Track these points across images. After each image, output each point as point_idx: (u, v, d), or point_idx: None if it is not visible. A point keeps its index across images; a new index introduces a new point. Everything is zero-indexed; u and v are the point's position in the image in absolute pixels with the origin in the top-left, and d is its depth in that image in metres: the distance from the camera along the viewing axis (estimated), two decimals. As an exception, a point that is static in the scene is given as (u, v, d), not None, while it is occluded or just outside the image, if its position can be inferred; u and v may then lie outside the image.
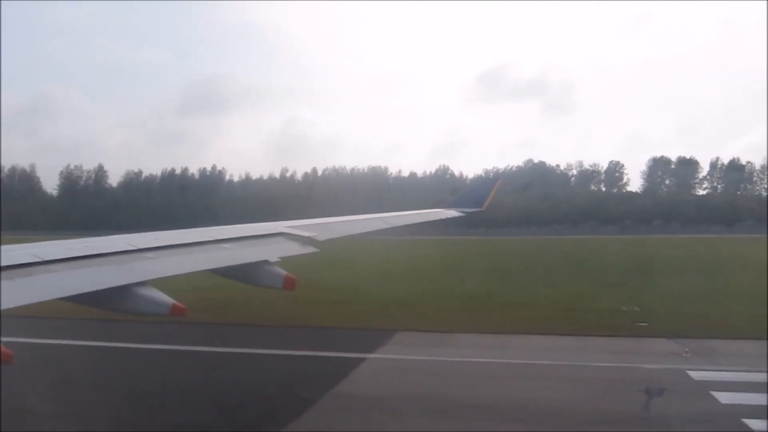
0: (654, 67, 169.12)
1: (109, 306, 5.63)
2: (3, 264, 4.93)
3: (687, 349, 13.37)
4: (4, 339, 4.44)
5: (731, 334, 14.94)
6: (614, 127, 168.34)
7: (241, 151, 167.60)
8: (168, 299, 5.54)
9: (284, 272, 6.55)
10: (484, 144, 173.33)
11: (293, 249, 7.34)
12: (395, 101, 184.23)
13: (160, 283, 5.76)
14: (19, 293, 4.76)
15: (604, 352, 13.84)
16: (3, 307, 4.41)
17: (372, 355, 13.33)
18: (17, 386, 10.33)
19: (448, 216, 13.77)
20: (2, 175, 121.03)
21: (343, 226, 9.43)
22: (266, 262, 6.65)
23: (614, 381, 11.64)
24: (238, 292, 11.70)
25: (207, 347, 14.44)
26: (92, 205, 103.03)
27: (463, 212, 14.26)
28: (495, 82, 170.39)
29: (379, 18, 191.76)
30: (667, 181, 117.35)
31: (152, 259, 5.97)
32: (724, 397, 10.29)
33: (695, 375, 11.65)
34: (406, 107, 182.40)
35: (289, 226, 7.98)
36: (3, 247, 5.40)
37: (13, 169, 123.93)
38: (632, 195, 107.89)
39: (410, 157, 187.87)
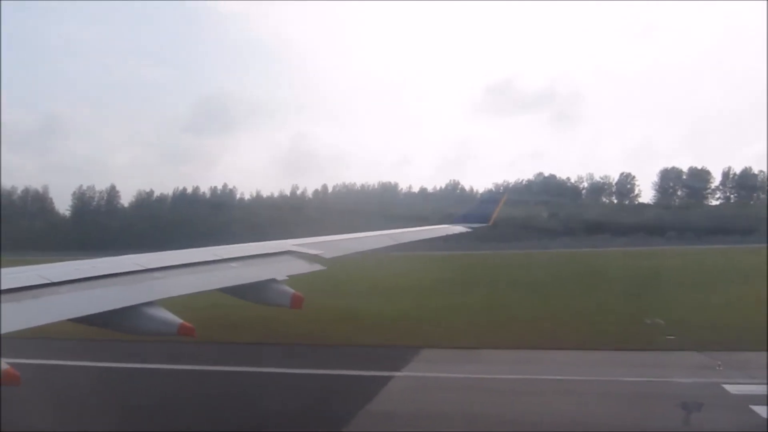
0: (662, 75, 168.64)
1: (118, 326, 5.63)
2: (11, 286, 4.96)
3: (719, 363, 13.10)
4: (11, 360, 4.44)
5: (761, 345, 14.46)
6: (623, 137, 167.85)
7: (252, 169, 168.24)
8: (176, 319, 5.55)
9: (291, 290, 6.55)
10: (493, 157, 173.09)
11: (300, 267, 7.34)
12: (404, 115, 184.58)
13: (168, 302, 5.77)
14: (27, 315, 4.79)
15: (634, 366, 13.60)
16: (11, 329, 4.43)
17: (400, 373, 13.11)
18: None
19: (455, 232, 13.78)
20: (14, 197, 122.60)
21: (350, 243, 9.43)
22: (273, 280, 6.65)
23: (649, 396, 11.39)
24: (249, 311, 11.63)
25: (229, 367, 14.34)
26: (105, 225, 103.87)
27: (470, 227, 14.27)
28: (503, 94, 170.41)
29: (387, 32, 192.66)
30: (679, 192, 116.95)
31: (160, 278, 6.00)
32: (765, 412, 9.98)
33: (731, 389, 11.35)
34: (415, 121, 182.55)
35: (295, 244, 8.00)
36: (10, 269, 5.45)
37: (26, 191, 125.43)
38: (645, 206, 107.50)
39: (420, 170, 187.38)
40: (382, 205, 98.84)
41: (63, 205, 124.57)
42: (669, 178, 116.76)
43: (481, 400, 11.31)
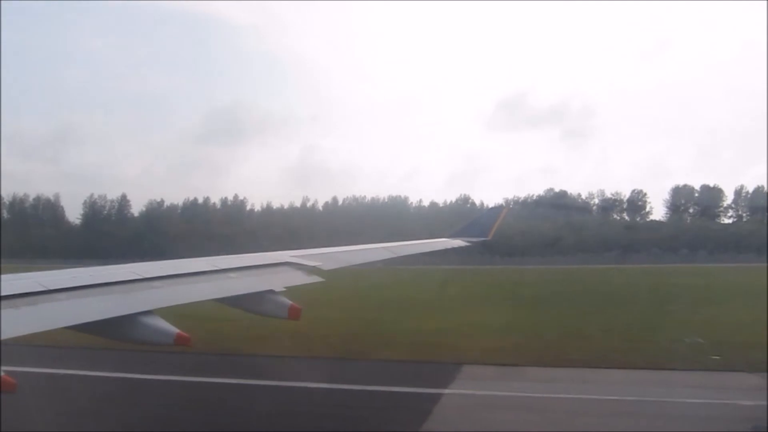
0: (674, 93, 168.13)
1: (114, 335, 5.62)
2: (8, 293, 4.99)
3: None
4: (8, 368, 4.45)
5: None
6: (635, 154, 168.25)
7: (262, 180, 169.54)
8: (172, 328, 5.53)
9: (289, 302, 6.53)
10: (504, 171, 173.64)
11: (298, 278, 7.30)
12: (414, 129, 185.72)
13: (165, 312, 5.75)
14: (24, 322, 4.80)
15: (688, 386, 13.19)
16: (8, 336, 4.44)
17: (448, 391, 12.71)
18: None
19: (454, 245, 13.62)
20: (26, 205, 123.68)
21: (349, 256, 9.35)
22: (271, 291, 6.64)
23: (715, 418, 10.95)
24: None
25: (261, 381, 13.93)
26: (115, 234, 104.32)
27: (469, 241, 14.13)
28: (514, 109, 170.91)
29: (399, 47, 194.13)
30: (690, 210, 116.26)
31: (157, 288, 5.98)
32: None
33: None
34: (426, 135, 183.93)
35: (294, 256, 7.97)
36: (8, 276, 5.48)
37: (37, 199, 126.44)
38: (658, 223, 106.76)
39: (430, 184, 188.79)
40: (392, 219, 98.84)
41: (73, 213, 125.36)
42: (681, 196, 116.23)
43: (541, 421, 10.91)
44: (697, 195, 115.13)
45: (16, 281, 5.31)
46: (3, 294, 4.94)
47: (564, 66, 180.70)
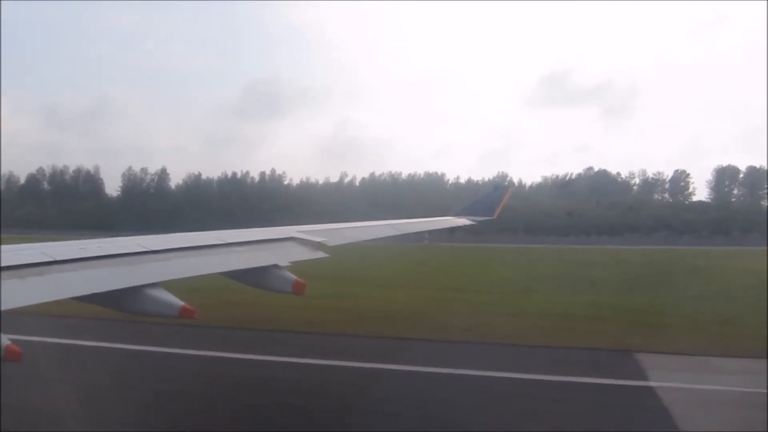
0: (723, 70, 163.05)
1: (120, 306, 5.66)
2: (15, 263, 5.06)
3: None
4: (13, 336, 4.52)
5: None
6: (676, 133, 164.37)
7: (298, 155, 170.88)
8: (177, 301, 5.55)
9: (294, 276, 6.54)
10: (541, 150, 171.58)
11: (303, 254, 7.29)
12: (452, 105, 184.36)
13: (172, 285, 5.78)
14: (30, 292, 4.86)
15: None
16: (14, 306, 4.50)
17: (656, 384, 10.89)
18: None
19: (459, 224, 13.42)
20: (67, 177, 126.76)
21: (354, 232, 9.29)
22: (276, 266, 6.65)
23: None
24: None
25: (422, 367, 12.30)
26: (155, 206, 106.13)
27: (473, 220, 13.89)
28: (555, 87, 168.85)
29: (438, 20, 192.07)
30: (735, 191, 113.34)
31: (163, 261, 6.01)
32: None
33: None
34: (464, 111, 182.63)
35: (300, 231, 7.97)
36: (14, 246, 5.56)
37: (77, 171, 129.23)
38: (705, 204, 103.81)
39: (466, 161, 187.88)
40: (428, 195, 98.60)
41: (110, 186, 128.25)
42: (725, 177, 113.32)
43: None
44: (742, 176, 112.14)
45: (22, 252, 5.38)
46: (8, 264, 5.00)
47: (612, 42, 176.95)
